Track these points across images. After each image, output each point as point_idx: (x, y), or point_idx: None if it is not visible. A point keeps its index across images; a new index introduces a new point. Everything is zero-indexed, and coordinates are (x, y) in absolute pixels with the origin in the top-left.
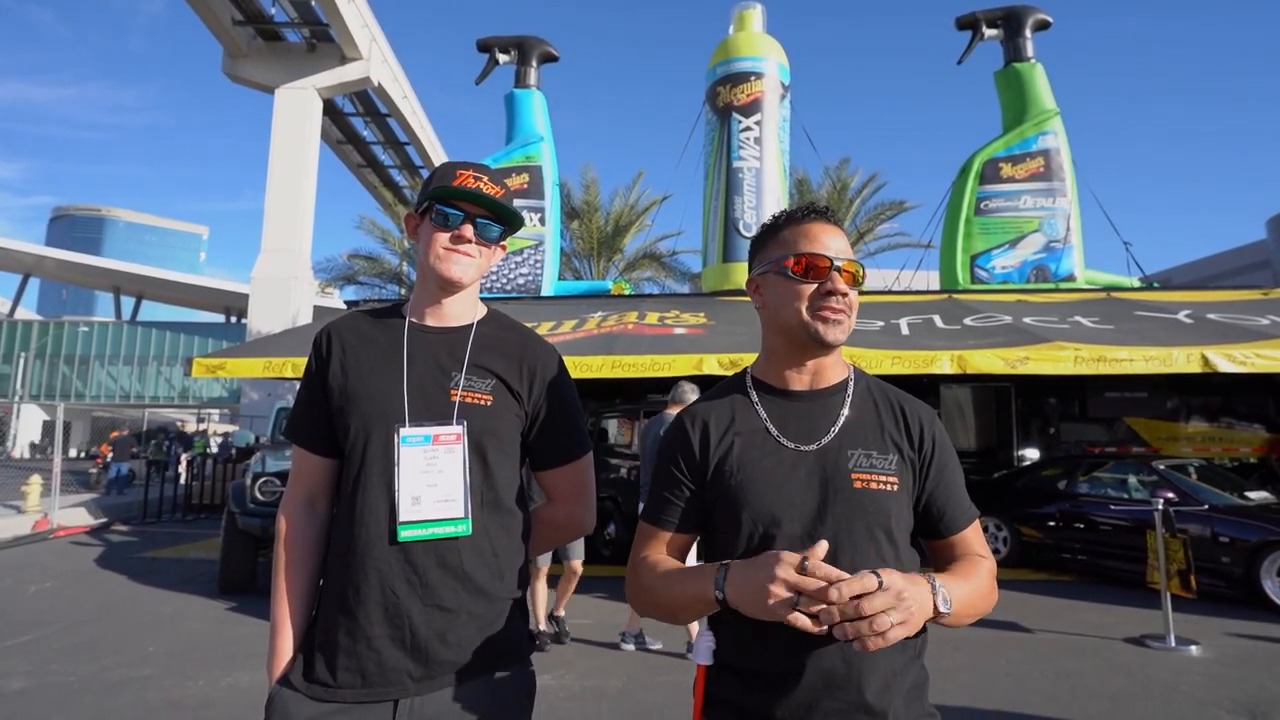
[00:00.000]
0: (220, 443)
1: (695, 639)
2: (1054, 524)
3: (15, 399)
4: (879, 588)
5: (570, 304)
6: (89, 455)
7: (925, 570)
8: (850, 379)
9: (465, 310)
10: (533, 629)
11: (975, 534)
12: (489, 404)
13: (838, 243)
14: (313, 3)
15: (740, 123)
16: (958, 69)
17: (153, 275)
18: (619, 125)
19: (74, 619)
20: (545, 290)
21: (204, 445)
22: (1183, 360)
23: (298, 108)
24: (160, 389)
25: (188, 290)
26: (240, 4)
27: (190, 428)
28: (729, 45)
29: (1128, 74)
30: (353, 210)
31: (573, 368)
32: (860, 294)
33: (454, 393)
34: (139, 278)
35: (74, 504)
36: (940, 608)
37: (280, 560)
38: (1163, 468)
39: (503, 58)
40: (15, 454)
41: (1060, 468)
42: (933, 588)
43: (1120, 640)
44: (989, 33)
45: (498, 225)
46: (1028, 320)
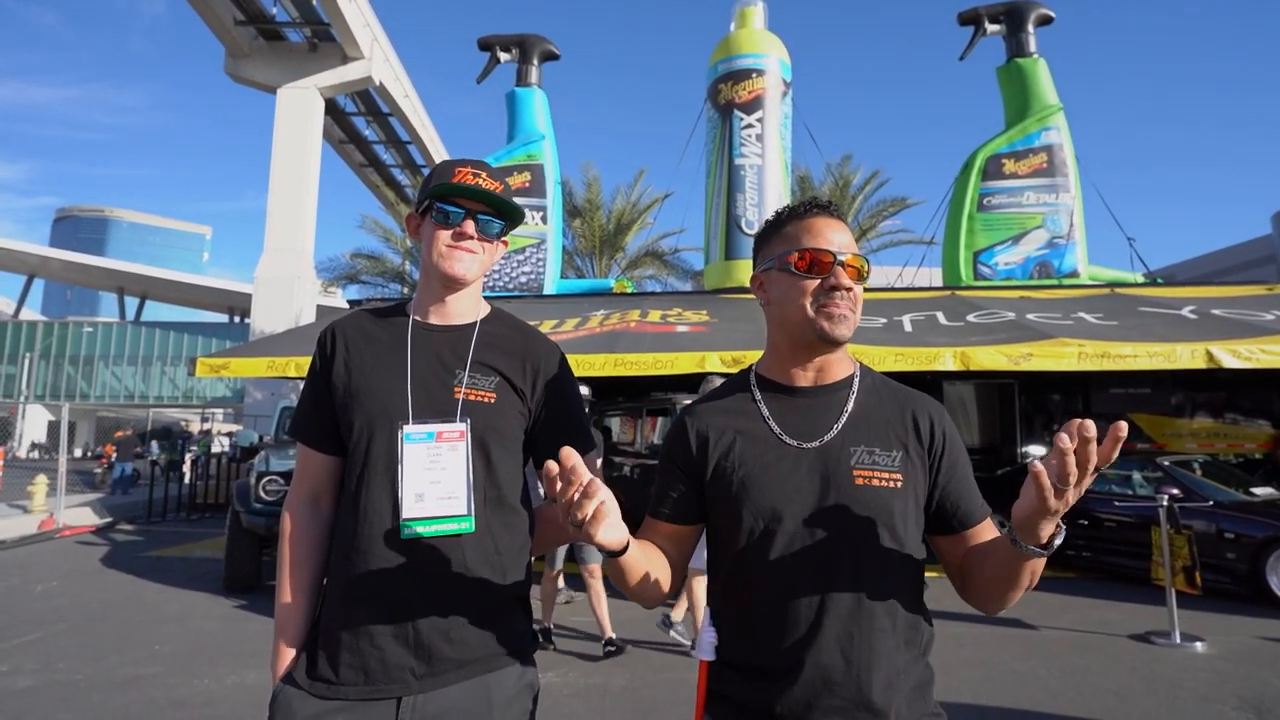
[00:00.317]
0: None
1: (699, 634)
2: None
3: (21, 399)
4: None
5: (572, 302)
6: (94, 455)
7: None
8: (856, 375)
9: (468, 308)
10: (544, 627)
11: (991, 530)
12: (492, 401)
13: (841, 237)
14: (314, 2)
15: (742, 120)
16: (960, 65)
17: (156, 275)
18: (620, 123)
19: (80, 618)
20: (547, 289)
21: (208, 444)
22: (1187, 356)
23: (300, 107)
24: (164, 389)
25: (191, 290)
26: (242, 4)
27: (194, 427)
28: (730, 42)
29: (1129, 71)
30: (355, 209)
31: (575, 366)
32: (863, 290)
33: (457, 390)
34: (143, 278)
35: (79, 503)
36: (1058, 536)
37: (284, 558)
38: (1167, 464)
39: (504, 56)
40: (21, 454)
41: None
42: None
43: (1125, 637)
44: (991, 28)
45: (499, 221)
46: (1031, 316)
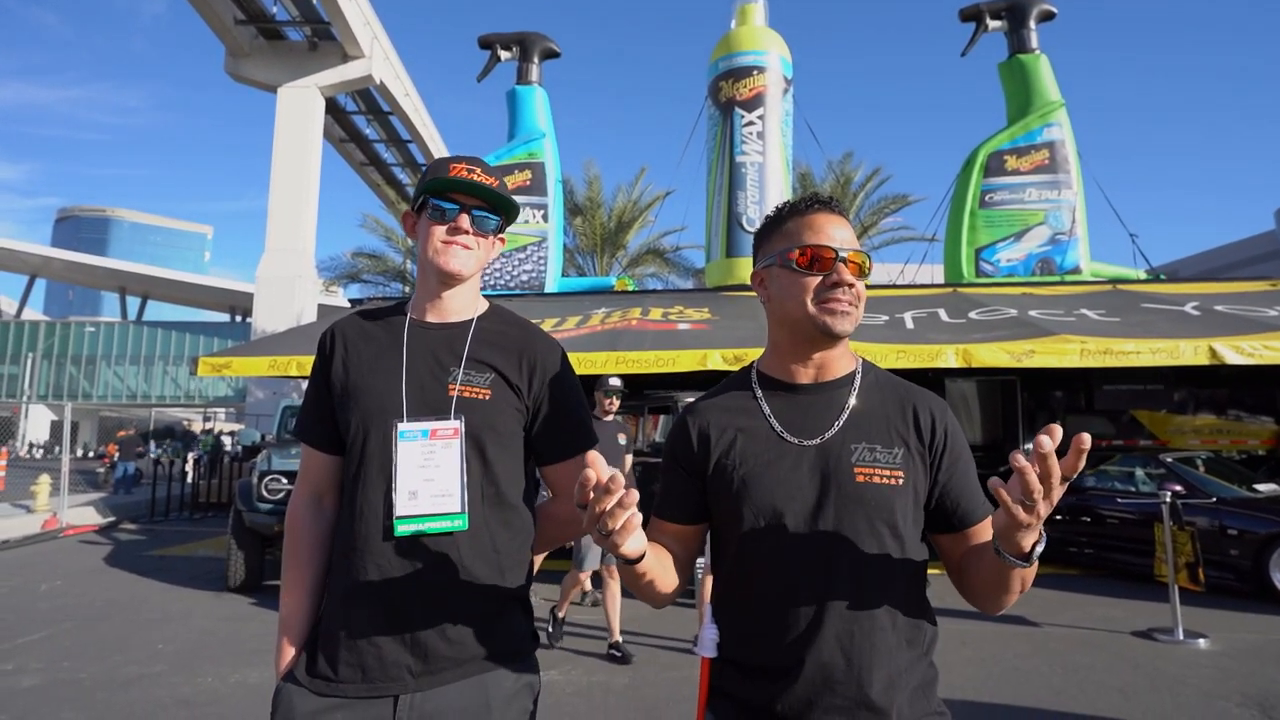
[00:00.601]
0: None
1: (701, 632)
2: (1060, 517)
3: (24, 399)
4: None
5: (574, 300)
6: (97, 455)
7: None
8: (858, 372)
9: (466, 305)
10: (560, 617)
11: (990, 530)
12: (487, 398)
13: (842, 233)
14: (314, 1)
15: (743, 117)
16: (962, 61)
17: (158, 275)
18: (621, 121)
19: (84, 617)
20: (549, 287)
21: (211, 442)
22: (1190, 352)
23: (300, 106)
24: (166, 388)
25: (193, 290)
26: (242, 3)
27: (196, 427)
28: (731, 40)
29: (1132, 67)
30: (356, 208)
31: (577, 364)
32: (865, 287)
33: (451, 387)
34: (145, 278)
35: (82, 503)
36: (1038, 547)
37: (288, 557)
38: (1170, 460)
39: (504, 54)
40: (23, 454)
41: None
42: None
43: (1128, 634)
44: (993, 24)
45: (494, 216)
46: (1033, 313)
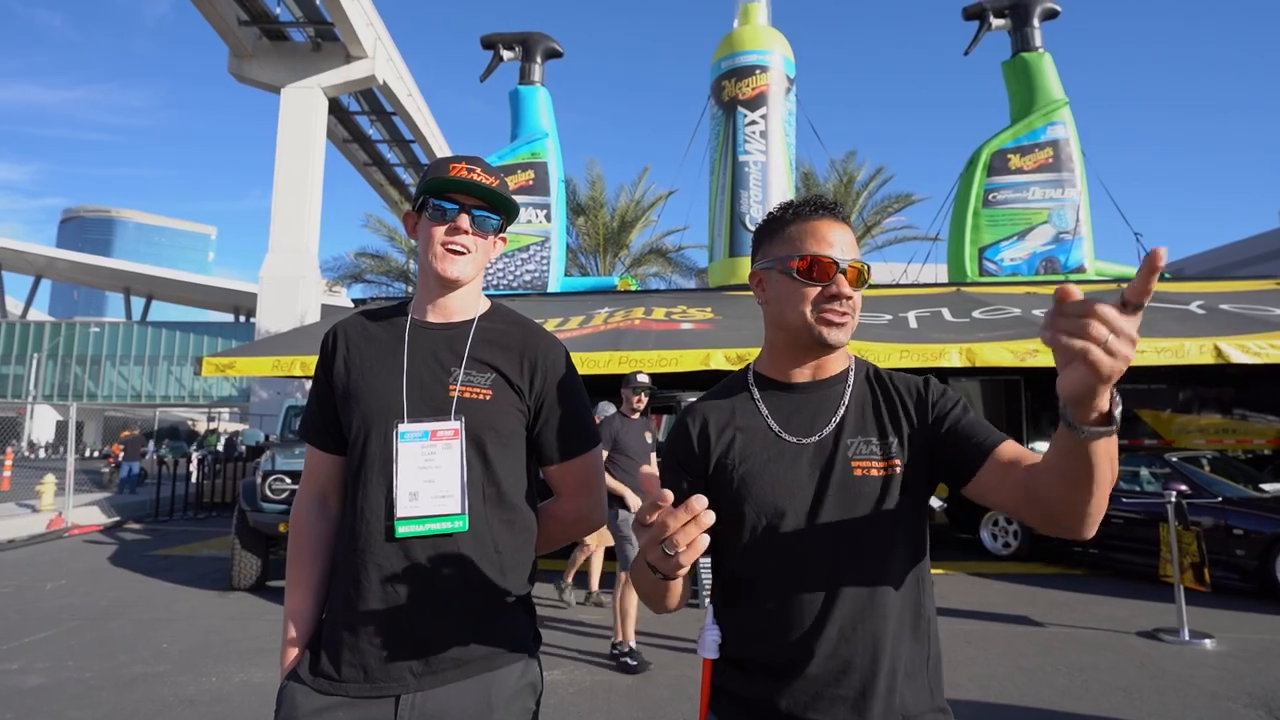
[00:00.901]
0: (226, 440)
1: (703, 633)
2: None
3: (29, 400)
4: (1124, 306)
5: (577, 300)
6: (101, 455)
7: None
8: (851, 368)
9: (467, 305)
10: (628, 646)
11: (1017, 448)
12: (488, 398)
13: (844, 241)
14: (317, 2)
15: (746, 117)
16: (966, 60)
17: (162, 276)
18: (624, 121)
19: (89, 616)
20: (551, 287)
21: (216, 442)
22: (1195, 351)
23: (303, 107)
24: (171, 388)
25: (197, 290)
26: (245, 4)
27: (200, 427)
28: (734, 39)
29: (1135, 66)
30: (359, 209)
31: (580, 364)
32: (868, 288)
33: (452, 388)
34: (149, 278)
35: (87, 503)
36: (1117, 400)
37: (293, 556)
38: (1175, 460)
39: (507, 54)
40: (27, 454)
41: None
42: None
43: (1133, 634)
44: (996, 23)
45: (494, 216)
46: (1037, 313)
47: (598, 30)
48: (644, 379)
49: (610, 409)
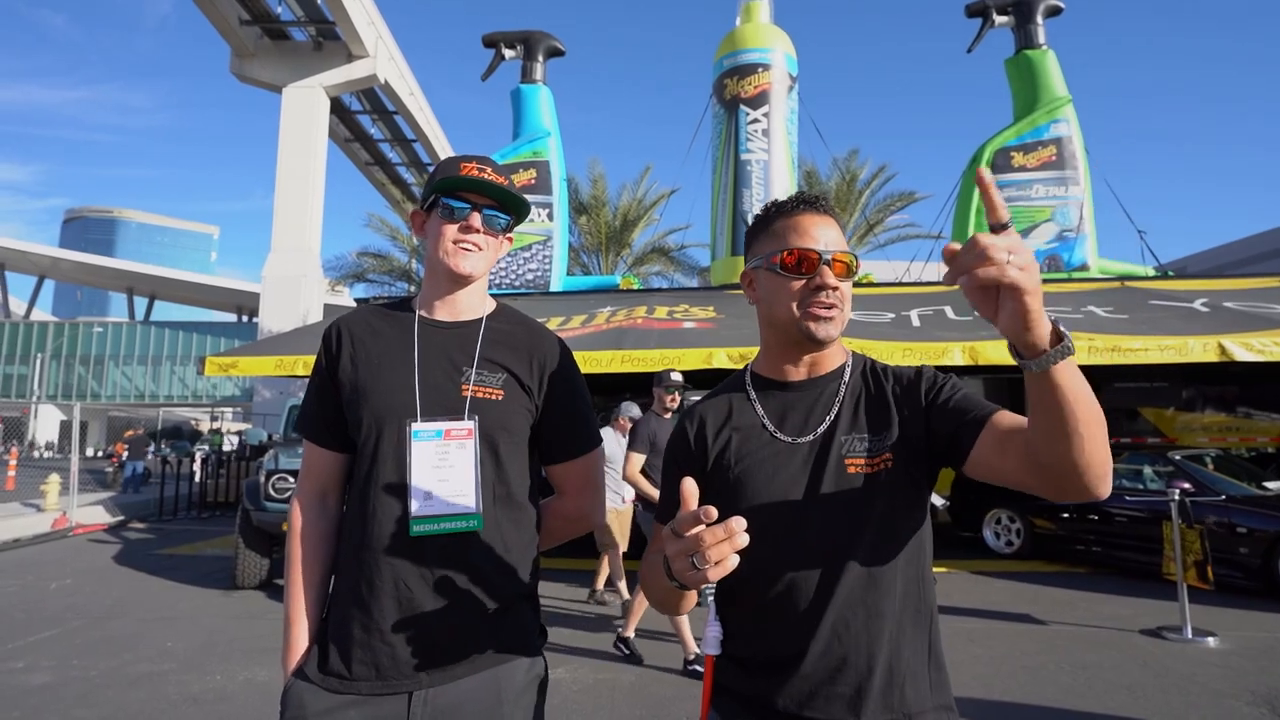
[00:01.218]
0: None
1: (705, 629)
2: (1068, 515)
3: (33, 400)
4: (1003, 227)
5: (579, 299)
6: (105, 455)
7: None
8: (847, 365)
9: (475, 304)
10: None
11: (1012, 417)
12: (500, 399)
13: (829, 233)
14: (319, 1)
15: (748, 115)
16: (969, 57)
17: (165, 276)
18: (626, 120)
19: (94, 615)
20: (554, 286)
21: (220, 441)
22: (1199, 349)
23: (305, 106)
24: (174, 388)
25: (200, 290)
26: (247, 4)
27: (204, 426)
28: (736, 37)
29: (1139, 64)
30: (361, 208)
31: (582, 362)
32: (871, 286)
33: (465, 388)
34: (152, 278)
35: (91, 502)
36: (1063, 329)
37: (293, 555)
38: (1178, 458)
39: (509, 53)
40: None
41: None
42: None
43: (1136, 632)
44: (999, 20)
45: (504, 215)
46: None
47: (600, 28)
48: (677, 377)
49: (634, 408)
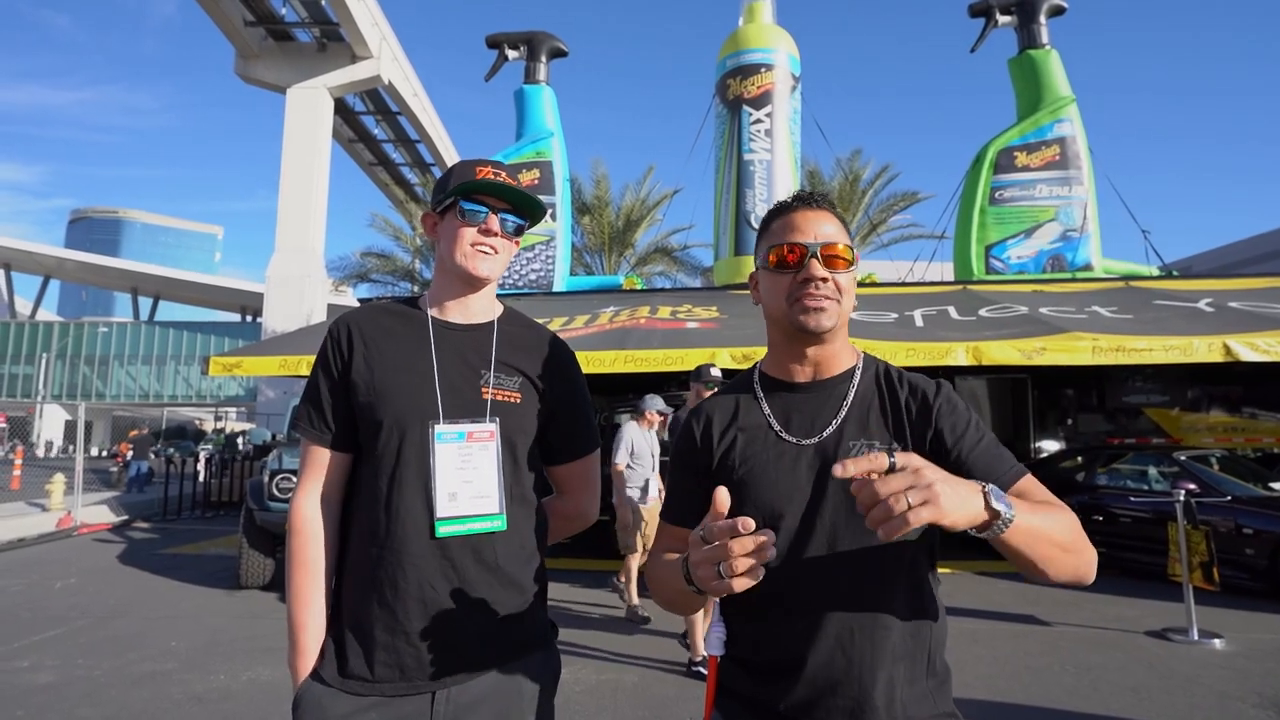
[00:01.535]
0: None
1: (708, 630)
2: None
3: (38, 399)
4: (890, 469)
5: (582, 299)
6: (110, 454)
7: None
8: (858, 367)
9: (487, 307)
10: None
11: (1032, 486)
12: (518, 402)
13: (821, 227)
14: (323, 2)
15: (751, 115)
16: (972, 57)
17: (170, 276)
18: (629, 120)
19: (98, 614)
20: (557, 286)
21: (223, 441)
22: (1204, 349)
23: (309, 107)
24: (178, 388)
25: (204, 290)
26: (251, 5)
27: (208, 426)
28: (739, 37)
29: (1142, 62)
30: (365, 208)
31: (585, 363)
32: (874, 286)
33: (485, 390)
34: (156, 278)
35: (96, 501)
36: (995, 504)
37: (298, 556)
38: (1184, 459)
39: (512, 54)
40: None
41: (1079, 459)
42: (981, 486)
43: (1142, 633)
44: (1003, 20)
45: (519, 218)
46: (1044, 310)
47: (602, 31)
48: (716, 372)
49: (659, 401)
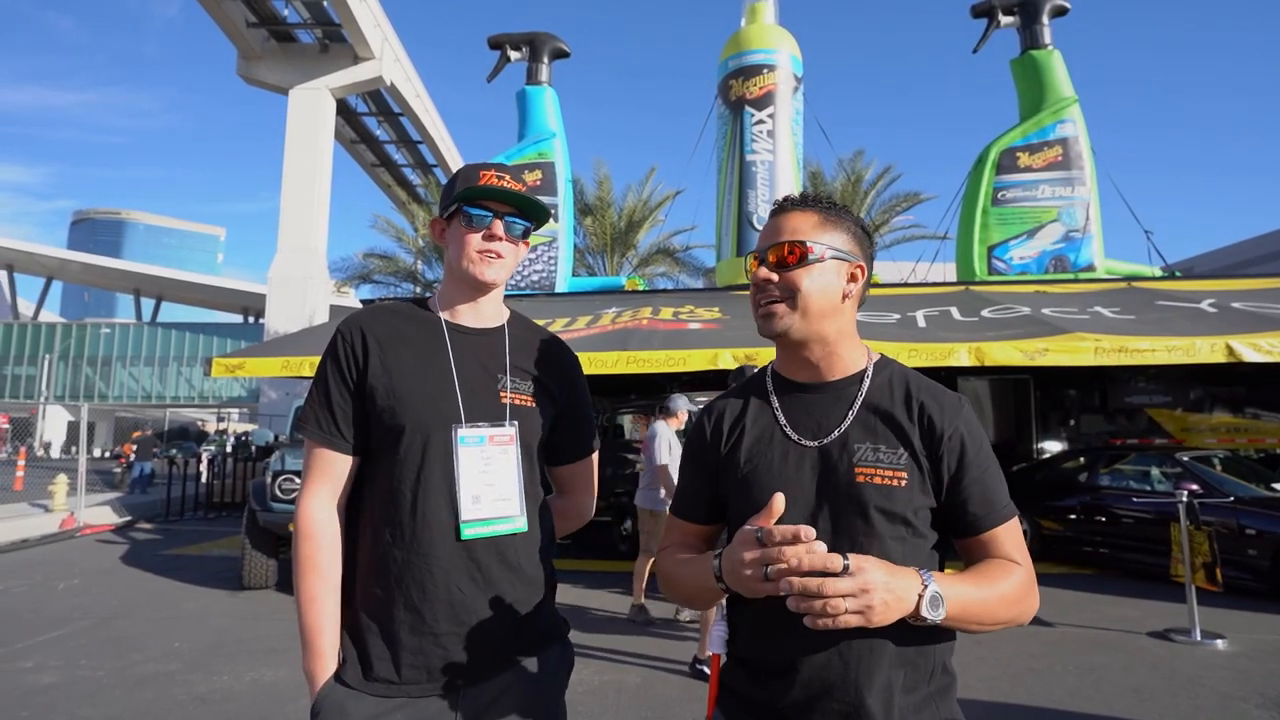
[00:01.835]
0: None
1: (710, 628)
2: (1075, 517)
3: (41, 400)
4: (842, 571)
5: (584, 300)
6: (113, 455)
7: (923, 570)
8: (868, 370)
9: (498, 310)
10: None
11: (1008, 535)
12: (533, 405)
13: (792, 226)
14: (325, 4)
15: (753, 116)
16: (974, 58)
17: (172, 277)
18: (631, 121)
19: (101, 615)
20: (559, 287)
21: (225, 442)
22: (1207, 350)
23: (311, 108)
24: (181, 389)
25: (206, 291)
26: (254, 6)
27: (210, 427)
28: (740, 38)
29: (1144, 64)
30: (367, 209)
31: (587, 364)
32: (877, 286)
33: (503, 394)
34: (159, 279)
35: (99, 502)
36: (925, 611)
37: (310, 559)
38: (1186, 459)
39: (514, 55)
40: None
41: (1081, 460)
42: (923, 586)
43: (1144, 634)
44: (1005, 20)
45: (524, 222)
46: (1047, 311)
47: (604, 32)
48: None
49: (684, 400)
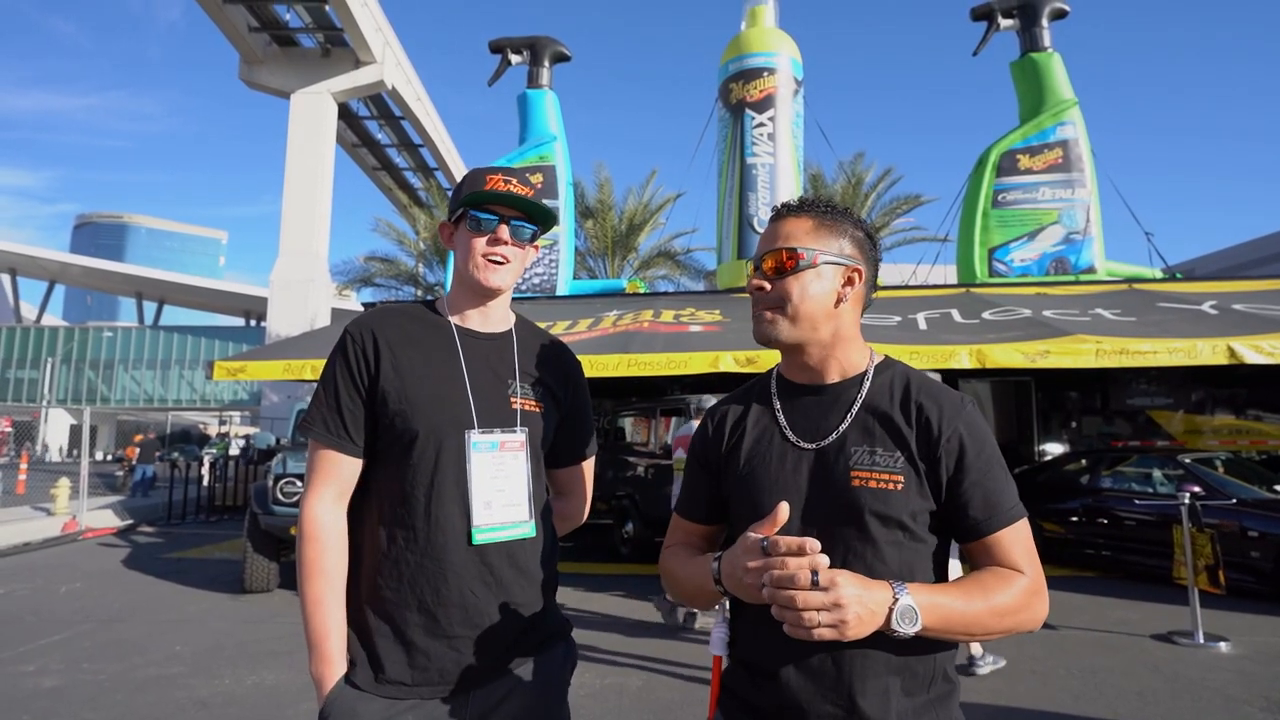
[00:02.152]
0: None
1: (713, 629)
2: (1077, 519)
3: (43, 404)
4: (812, 585)
5: (585, 303)
6: (115, 458)
7: (897, 583)
8: (869, 372)
9: (505, 315)
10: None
11: (1015, 539)
12: (541, 411)
13: (785, 232)
14: (327, 8)
15: (754, 119)
16: (974, 60)
17: (174, 280)
18: (632, 124)
19: (103, 618)
20: (560, 290)
21: (226, 446)
22: (1208, 352)
23: (313, 112)
24: (183, 392)
25: (208, 295)
26: (256, 10)
27: (212, 430)
28: (741, 41)
29: (1145, 63)
30: (368, 213)
31: (589, 367)
32: (877, 289)
33: (514, 400)
34: (161, 283)
35: (101, 506)
36: (896, 625)
37: (317, 563)
38: (1188, 461)
39: (515, 59)
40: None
41: (1083, 462)
42: (893, 600)
43: (1147, 637)
44: (1005, 23)
45: (530, 225)
46: (1047, 313)
47: (605, 35)
48: None
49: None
